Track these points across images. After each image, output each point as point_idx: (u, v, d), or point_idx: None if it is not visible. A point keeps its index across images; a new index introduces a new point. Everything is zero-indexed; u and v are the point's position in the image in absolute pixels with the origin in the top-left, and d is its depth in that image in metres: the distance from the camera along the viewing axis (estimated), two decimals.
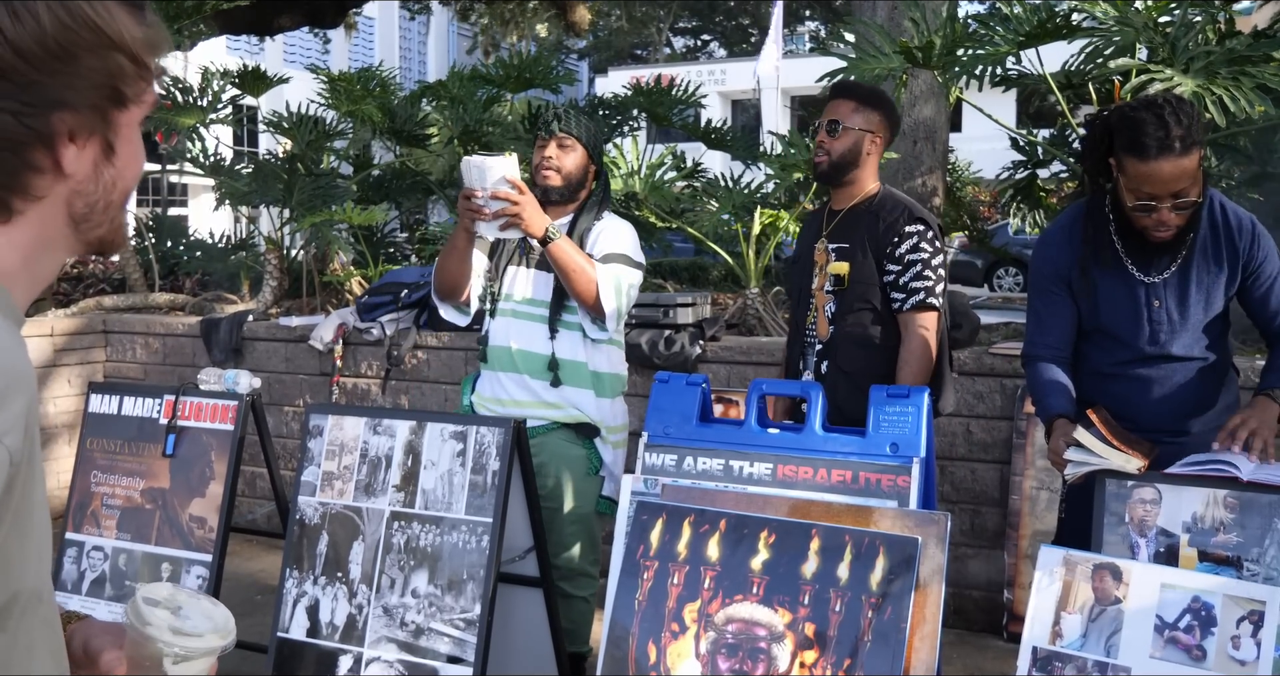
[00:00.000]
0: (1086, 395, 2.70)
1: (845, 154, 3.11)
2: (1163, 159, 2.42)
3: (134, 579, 3.32)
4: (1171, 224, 2.52)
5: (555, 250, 2.99)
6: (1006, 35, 4.41)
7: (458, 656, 2.69)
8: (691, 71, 27.74)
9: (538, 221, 2.96)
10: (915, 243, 3.01)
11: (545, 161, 3.18)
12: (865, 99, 3.15)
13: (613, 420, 3.26)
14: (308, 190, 6.04)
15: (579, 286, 3.02)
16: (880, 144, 3.16)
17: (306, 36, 18.51)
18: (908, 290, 2.99)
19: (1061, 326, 2.73)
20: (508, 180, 2.91)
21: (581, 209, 3.23)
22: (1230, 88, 3.76)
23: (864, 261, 3.05)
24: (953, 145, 6.45)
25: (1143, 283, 2.64)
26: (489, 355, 3.23)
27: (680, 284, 6.92)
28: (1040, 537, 4.00)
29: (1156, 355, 2.65)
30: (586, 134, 3.21)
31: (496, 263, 3.27)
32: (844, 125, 3.11)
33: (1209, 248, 2.61)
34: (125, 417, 3.45)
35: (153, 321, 5.96)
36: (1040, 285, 2.79)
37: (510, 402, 3.17)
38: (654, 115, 6.52)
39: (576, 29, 13.10)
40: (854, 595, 2.22)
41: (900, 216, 3.04)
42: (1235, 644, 2.03)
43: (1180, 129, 2.41)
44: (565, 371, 3.15)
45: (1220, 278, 2.61)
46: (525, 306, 3.19)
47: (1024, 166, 5.82)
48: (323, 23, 10.09)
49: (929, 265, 3.00)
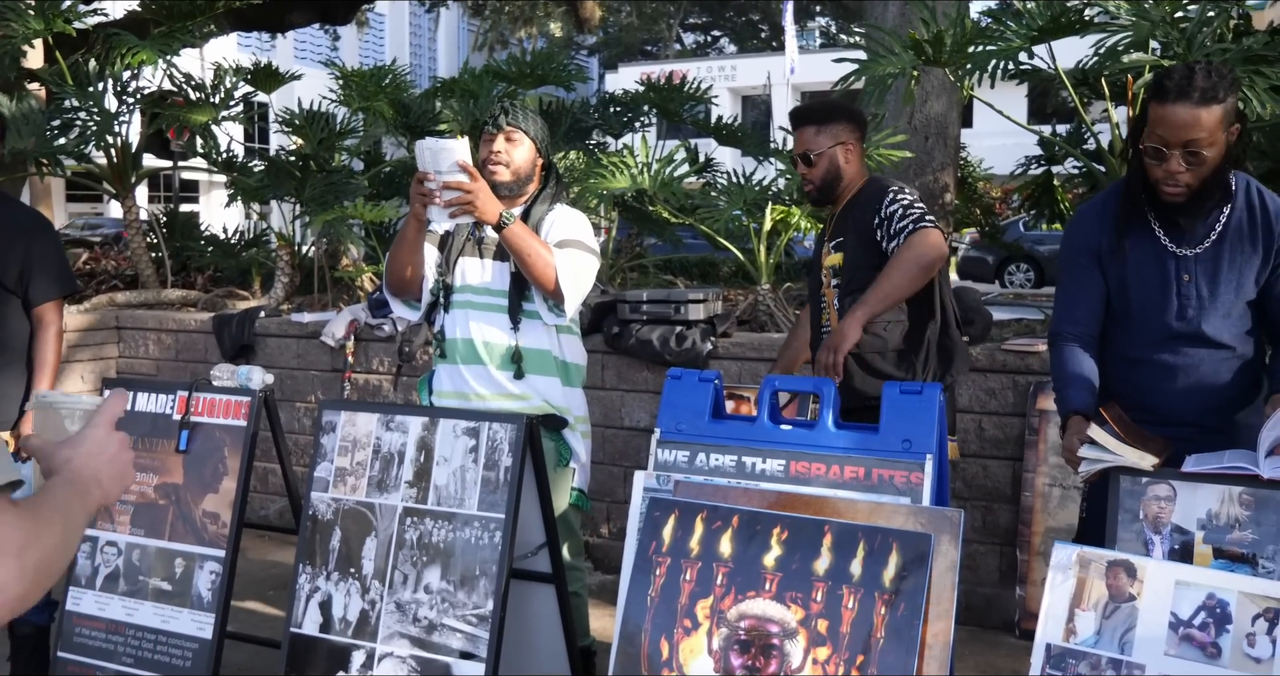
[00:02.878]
0: (1110, 382, 2.68)
1: (826, 175, 3.26)
2: (1179, 103, 2.45)
3: (148, 574, 3.33)
4: (1181, 179, 2.51)
5: (510, 235, 2.96)
6: (1019, 30, 4.40)
7: (470, 652, 2.70)
8: (701, 67, 27.72)
9: (491, 207, 2.93)
10: (890, 198, 3.11)
11: (493, 155, 3.15)
12: (821, 118, 3.26)
13: (579, 410, 3.25)
14: (320, 186, 6.05)
15: (537, 271, 2.99)
16: (854, 146, 3.28)
17: (317, 33, 18.53)
18: (895, 230, 3.06)
19: (1090, 303, 2.71)
20: (460, 165, 2.87)
21: (534, 201, 3.21)
22: (1244, 88, 3.74)
23: (856, 246, 3.16)
24: (964, 141, 6.44)
25: (1174, 255, 2.62)
26: (448, 349, 3.19)
27: (691, 280, 6.92)
28: (1053, 534, 3.99)
29: (1184, 334, 2.61)
30: (534, 127, 3.20)
31: (447, 255, 3.23)
32: (814, 152, 3.25)
33: (1245, 227, 2.58)
34: (139, 413, 3.46)
35: (165, 317, 5.98)
36: (1070, 259, 2.77)
37: (474, 396, 3.14)
38: (665, 111, 6.52)
39: (587, 25, 13.08)
40: (867, 591, 2.21)
41: (876, 194, 3.16)
42: (1250, 641, 2.02)
43: (1204, 82, 2.44)
44: (531, 361, 3.13)
45: (1254, 260, 2.58)
46: (483, 297, 3.16)
47: (1039, 162, 5.80)
48: (334, 19, 10.09)
49: (907, 207, 3.07)
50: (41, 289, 3.56)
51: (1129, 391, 2.66)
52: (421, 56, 31.34)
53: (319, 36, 20.86)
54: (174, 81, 6.76)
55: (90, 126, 6.31)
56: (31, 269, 3.53)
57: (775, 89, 24.99)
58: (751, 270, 5.45)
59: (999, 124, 5.69)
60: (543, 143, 3.24)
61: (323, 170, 6.29)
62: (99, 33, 6.64)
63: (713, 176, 6.32)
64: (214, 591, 3.21)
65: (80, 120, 6.35)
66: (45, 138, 6.18)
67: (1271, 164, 4.88)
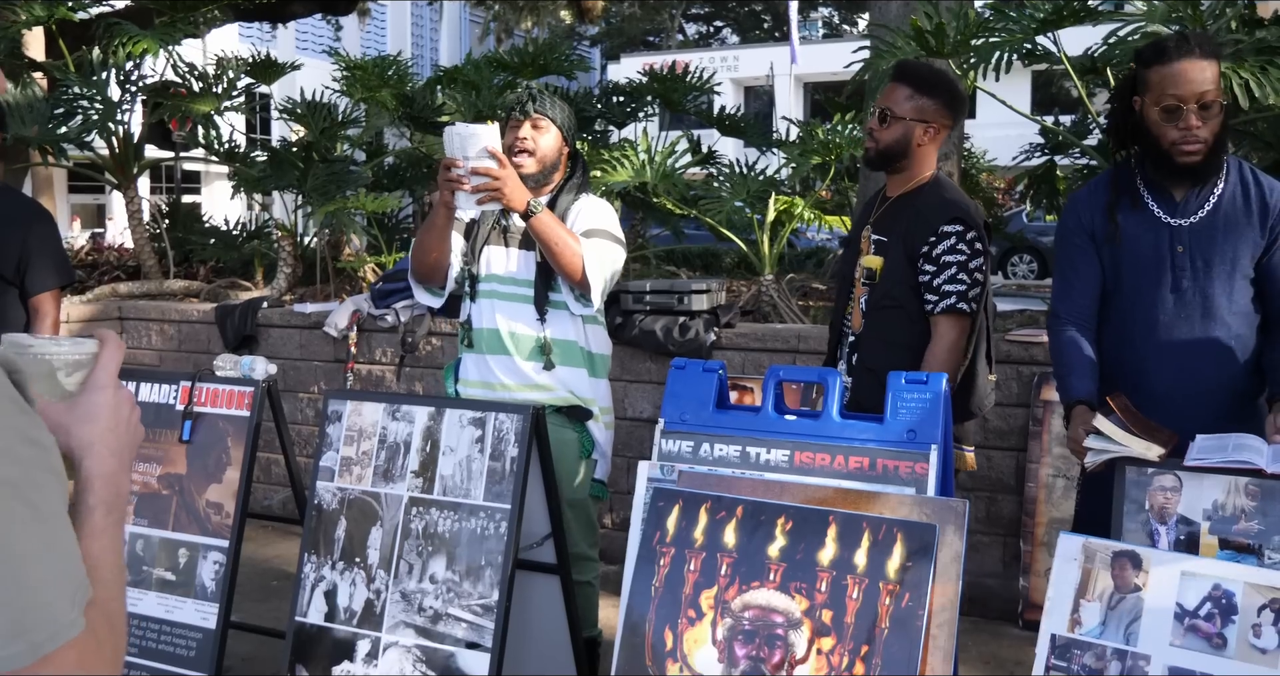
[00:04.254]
0: (1107, 365, 2.69)
1: (893, 145, 3.01)
2: (1184, 59, 2.54)
3: (151, 564, 3.33)
4: (1199, 135, 2.55)
5: (538, 224, 2.93)
6: (1022, 21, 4.39)
7: (475, 642, 2.70)
8: (704, 58, 27.65)
9: (519, 195, 2.90)
10: (953, 243, 2.90)
11: (519, 142, 3.10)
12: (922, 85, 3.00)
13: (604, 401, 3.22)
14: (322, 177, 6.05)
15: (564, 260, 2.96)
16: (936, 133, 3.01)
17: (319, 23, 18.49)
18: (940, 292, 2.90)
19: (1087, 283, 2.73)
20: (489, 151, 2.84)
21: (560, 190, 3.18)
22: (1257, 74, 3.73)
23: (897, 258, 2.96)
24: (967, 132, 6.42)
25: (1168, 226, 2.64)
26: (474, 339, 3.16)
27: (694, 271, 6.91)
28: (1057, 525, 3.99)
29: (1178, 306, 2.62)
30: (561, 115, 3.16)
31: (473, 243, 3.19)
32: (894, 114, 2.99)
33: (1239, 201, 2.61)
34: (142, 404, 3.45)
35: (168, 308, 5.98)
36: (1065, 240, 2.80)
37: (499, 386, 3.12)
38: (668, 102, 6.51)
39: (589, 16, 13.06)
40: (871, 582, 2.21)
41: (939, 215, 2.92)
42: (1256, 632, 2.02)
43: (1198, 39, 2.58)
44: (558, 352, 3.10)
45: (1249, 234, 2.59)
46: (508, 286, 3.13)
47: (1042, 150, 5.78)
48: (335, 9, 10.07)
49: (965, 268, 2.89)
50: (39, 279, 3.57)
51: (1125, 372, 2.67)
52: (424, 47, 31.28)
53: (321, 27, 20.82)
54: (177, 71, 6.75)
55: (93, 115, 6.30)
56: (29, 259, 3.54)
57: (778, 80, 24.96)
58: (754, 261, 5.44)
59: (1003, 114, 5.67)
60: (569, 131, 3.19)
61: (325, 160, 6.29)
62: (101, 21, 6.63)
63: (716, 167, 6.31)
64: (218, 581, 3.21)
65: (83, 108, 6.35)
66: (48, 125, 6.17)
67: (1277, 155, 4.87)
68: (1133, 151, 2.73)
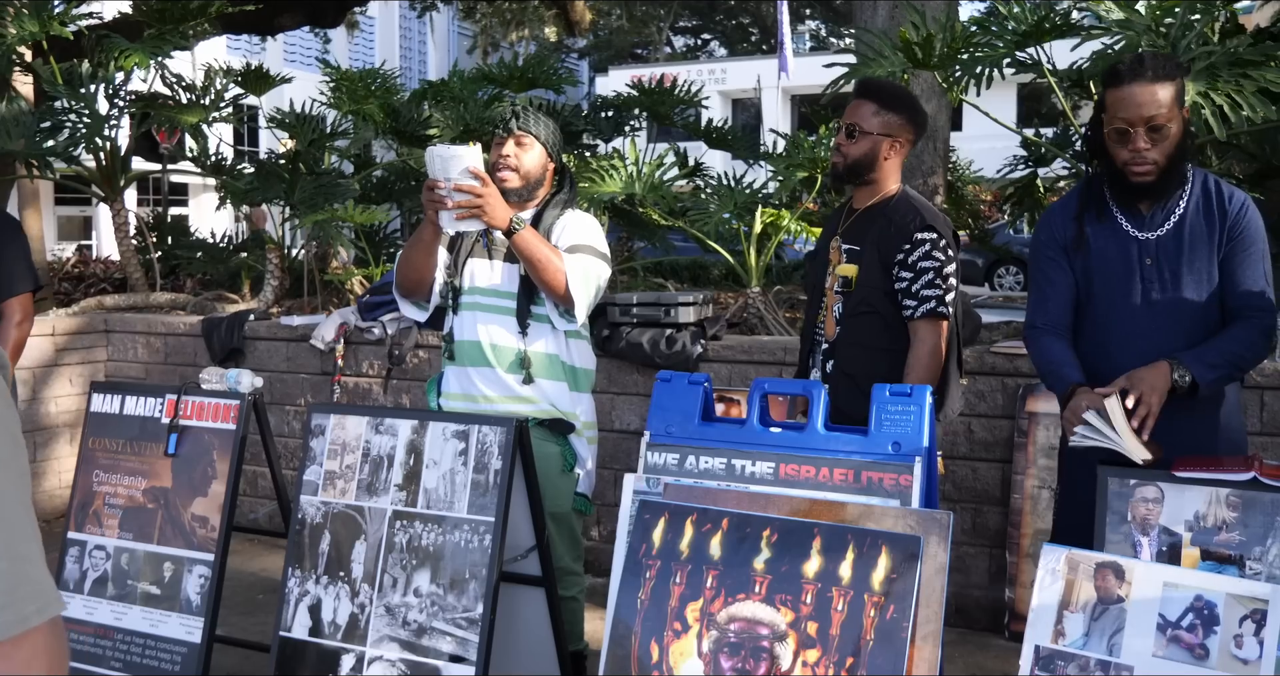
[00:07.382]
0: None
1: (861, 159, 3.08)
2: (1134, 83, 2.59)
3: (136, 578, 3.32)
4: (1148, 157, 2.60)
5: (520, 241, 2.96)
6: (1004, 35, 4.42)
7: (460, 655, 2.69)
8: (692, 71, 27.74)
9: (501, 212, 2.93)
10: (927, 250, 2.96)
11: (502, 160, 3.13)
12: (887, 101, 3.09)
13: (587, 415, 3.23)
14: (309, 189, 6.05)
15: (547, 277, 2.98)
16: (901, 147, 3.11)
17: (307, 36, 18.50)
18: (919, 298, 2.96)
19: (1061, 295, 2.78)
20: (471, 171, 2.88)
21: (546, 205, 3.19)
22: (1232, 92, 3.76)
23: (872, 266, 3.01)
24: (954, 144, 6.45)
25: (1135, 239, 2.70)
26: (456, 351, 3.18)
27: (681, 283, 6.92)
28: (1042, 536, 4.00)
29: (1148, 317, 2.66)
30: (545, 131, 3.18)
31: (456, 256, 3.22)
32: (862, 129, 3.07)
33: (1201, 211, 2.67)
34: (127, 417, 3.45)
35: (154, 321, 5.96)
36: (1039, 253, 2.85)
37: (481, 398, 3.12)
38: (656, 114, 6.53)
39: (577, 28, 13.09)
40: (856, 594, 2.22)
41: (912, 222, 2.99)
42: (1238, 643, 2.03)
43: (1154, 62, 2.62)
44: (539, 365, 3.11)
45: (1211, 242, 2.65)
46: (491, 299, 3.14)
47: (1026, 163, 5.82)
48: (323, 22, 10.07)
49: (940, 273, 2.96)
50: (8, 285, 3.84)
51: (1102, 383, 2.69)
52: (412, 60, 31.29)
53: (309, 39, 20.82)
54: (166, 83, 6.75)
55: (80, 128, 6.29)
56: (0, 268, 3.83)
57: (766, 92, 25.04)
58: (741, 273, 5.46)
59: (989, 127, 5.71)
60: (554, 146, 3.21)
61: (312, 172, 6.29)
62: (90, 35, 6.62)
63: (703, 179, 6.33)
64: (203, 595, 3.20)
65: (70, 122, 6.34)
66: (34, 139, 6.16)
67: (1260, 165, 4.91)
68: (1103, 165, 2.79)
